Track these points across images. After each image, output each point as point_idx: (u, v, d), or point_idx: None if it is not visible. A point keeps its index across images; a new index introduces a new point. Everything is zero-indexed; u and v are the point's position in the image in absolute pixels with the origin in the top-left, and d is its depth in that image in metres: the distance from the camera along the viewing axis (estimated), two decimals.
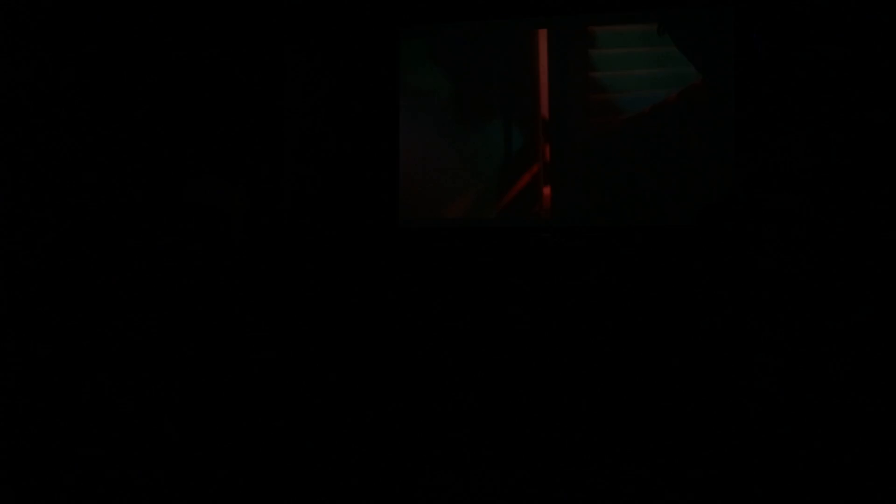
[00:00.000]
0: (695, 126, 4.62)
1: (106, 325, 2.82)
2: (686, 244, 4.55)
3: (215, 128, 3.86)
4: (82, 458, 2.35)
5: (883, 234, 3.90)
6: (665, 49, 4.66)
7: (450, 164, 4.94)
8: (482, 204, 4.92)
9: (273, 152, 4.43)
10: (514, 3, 4.89)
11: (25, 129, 2.73)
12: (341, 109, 4.96)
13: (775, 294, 3.81)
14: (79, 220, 2.81)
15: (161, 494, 2.46)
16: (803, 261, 3.83)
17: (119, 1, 2.95)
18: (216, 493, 2.57)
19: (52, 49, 2.73)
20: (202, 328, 3.27)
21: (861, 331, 3.84)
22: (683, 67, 4.63)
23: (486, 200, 4.91)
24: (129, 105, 3.00)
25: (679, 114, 4.63)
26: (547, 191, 4.83)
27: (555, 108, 4.82)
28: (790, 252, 3.80)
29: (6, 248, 2.59)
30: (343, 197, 4.94)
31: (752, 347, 4.15)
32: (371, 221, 4.81)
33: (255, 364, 3.28)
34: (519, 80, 4.87)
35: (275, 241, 4.10)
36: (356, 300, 4.36)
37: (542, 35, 4.85)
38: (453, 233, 4.92)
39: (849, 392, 3.75)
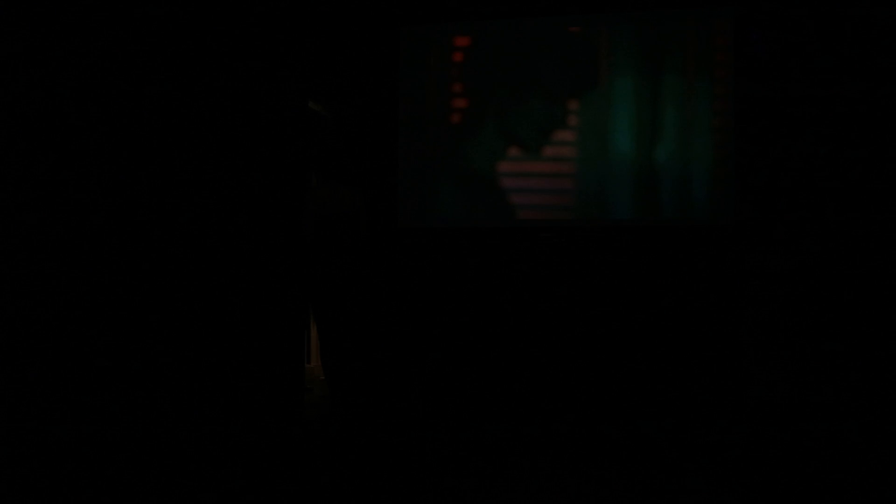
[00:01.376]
0: (695, 127, 4.62)
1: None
2: (688, 243, 4.56)
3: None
4: None
5: (886, 234, 3.92)
6: (662, 49, 4.67)
7: (449, 164, 4.93)
8: (482, 204, 4.91)
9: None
10: (516, 3, 4.88)
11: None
12: (340, 107, 4.94)
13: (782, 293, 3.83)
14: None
15: None
16: (809, 261, 3.85)
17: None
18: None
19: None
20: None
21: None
22: (680, 67, 4.64)
23: (487, 200, 4.90)
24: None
25: (678, 114, 4.64)
26: (562, 192, 4.83)
27: (554, 109, 4.81)
28: (796, 252, 3.82)
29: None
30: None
31: (755, 349, 4.16)
32: (374, 222, 4.80)
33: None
34: (518, 80, 4.87)
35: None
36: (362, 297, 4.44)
37: (541, 37, 4.85)
38: (454, 233, 4.91)
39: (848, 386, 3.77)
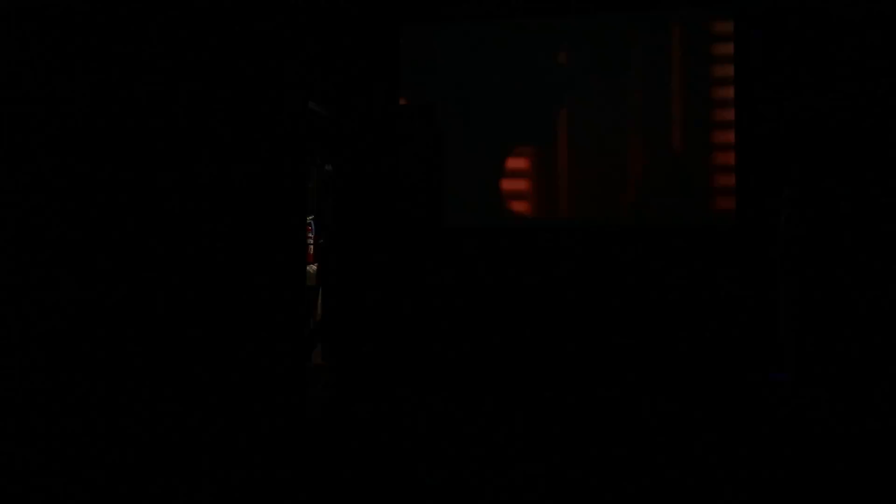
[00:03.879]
0: (695, 127, 4.63)
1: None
2: (688, 243, 4.56)
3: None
4: None
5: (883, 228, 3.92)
6: (664, 48, 4.67)
7: (454, 166, 4.95)
8: (487, 205, 4.92)
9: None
10: (519, 3, 4.89)
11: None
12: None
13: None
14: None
15: None
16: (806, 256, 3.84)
17: None
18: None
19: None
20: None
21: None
22: (681, 68, 4.64)
23: (493, 201, 4.91)
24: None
25: (679, 114, 4.64)
26: (563, 193, 4.83)
27: (562, 111, 4.83)
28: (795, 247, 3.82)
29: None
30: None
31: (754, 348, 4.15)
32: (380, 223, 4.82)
33: None
34: (525, 82, 4.88)
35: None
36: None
37: (541, 36, 4.86)
38: (459, 233, 4.92)
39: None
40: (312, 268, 4.72)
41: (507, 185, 4.89)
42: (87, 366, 2.53)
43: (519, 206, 4.89)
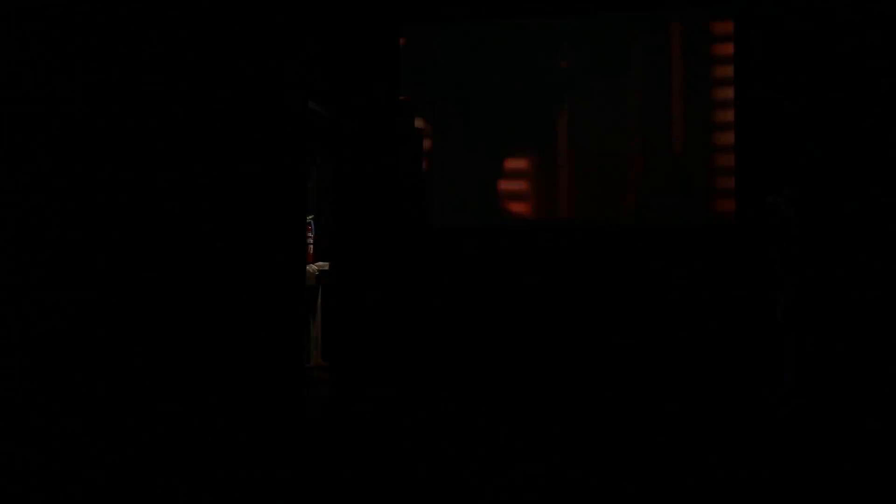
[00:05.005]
0: (695, 127, 4.62)
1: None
2: (688, 243, 4.55)
3: None
4: None
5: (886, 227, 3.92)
6: (663, 49, 4.67)
7: (454, 166, 4.94)
8: (487, 205, 4.92)
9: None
10: (519, 3, 4.89)
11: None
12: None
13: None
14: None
15: None
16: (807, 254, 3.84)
17: None
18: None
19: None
20: None
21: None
22: (681, 69, 4.64)
23: (493, 201, 4.91)
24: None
25: (679, 114, 4.63)
26: (563, 193, 4.83)
27: (562, 111, 4.82)
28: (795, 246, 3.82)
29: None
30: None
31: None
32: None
33: None
34: (525, 81, 4.87)
35: None
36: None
37: (541, 37, 4.85)
38: (459, 233, 4.92)
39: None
40: (313, 268, 4.72)
41: (507, 185, 4.89)
42: (87, 366, 2.52)
43: (519, 207, 4.88)
